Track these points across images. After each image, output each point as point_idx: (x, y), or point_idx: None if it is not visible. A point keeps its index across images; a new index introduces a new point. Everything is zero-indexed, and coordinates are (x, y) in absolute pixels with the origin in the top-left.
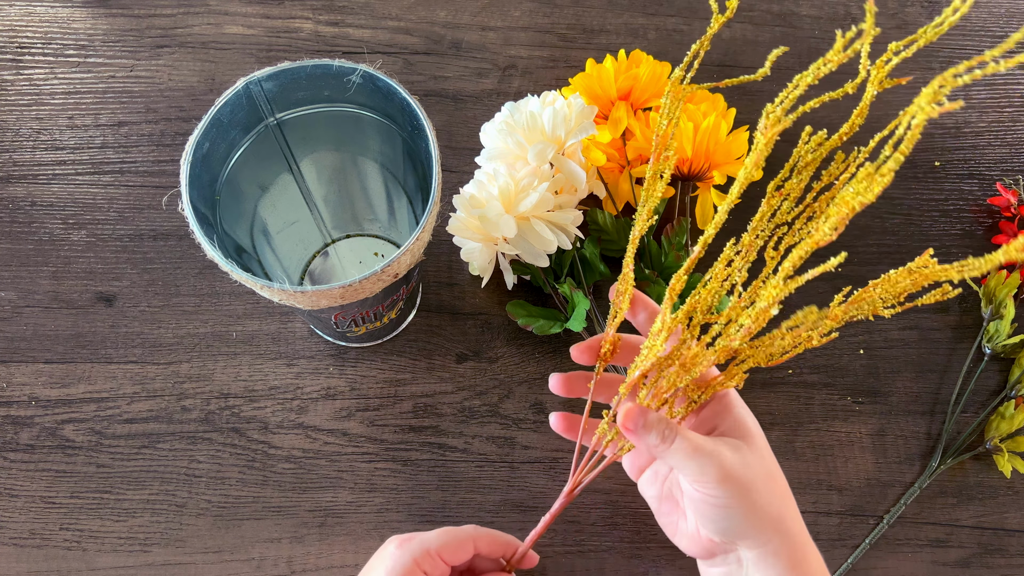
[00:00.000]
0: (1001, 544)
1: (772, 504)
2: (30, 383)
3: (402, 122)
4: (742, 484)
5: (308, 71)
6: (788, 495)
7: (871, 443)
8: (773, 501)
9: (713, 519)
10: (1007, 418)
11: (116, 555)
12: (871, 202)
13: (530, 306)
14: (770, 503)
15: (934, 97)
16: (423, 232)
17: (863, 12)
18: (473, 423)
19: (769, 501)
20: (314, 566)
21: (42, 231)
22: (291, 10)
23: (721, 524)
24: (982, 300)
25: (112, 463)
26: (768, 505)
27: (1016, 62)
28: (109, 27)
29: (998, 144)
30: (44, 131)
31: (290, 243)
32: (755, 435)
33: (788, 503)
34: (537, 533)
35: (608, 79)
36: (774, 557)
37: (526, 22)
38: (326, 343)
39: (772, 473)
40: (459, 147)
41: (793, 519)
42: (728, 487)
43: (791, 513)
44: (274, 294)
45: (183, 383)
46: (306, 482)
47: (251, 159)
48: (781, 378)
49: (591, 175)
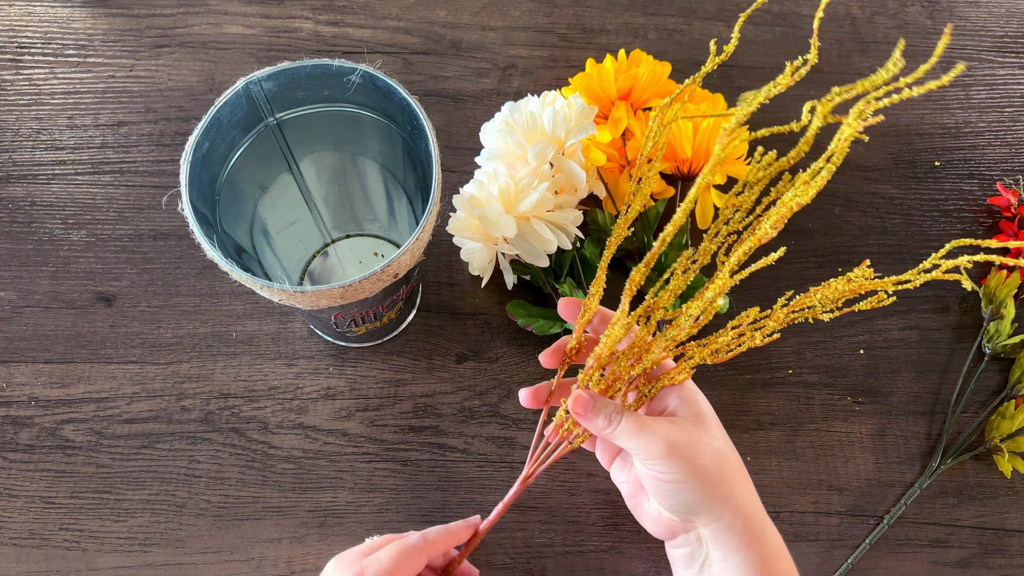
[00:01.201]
0: (1001, 544)
1: (722, 480)
2: (30, 383)
3: (402, 122)
4: (686, 457)
5: (308, 71)
6: (740, 472)
7: (871, 443)
8: (724, 477)
9: (664, 495)
10: (1007, 418)
11: (116, 555)
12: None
13: (530, 306)
14: (720, 479)
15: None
16: (423, 232)
17: (863, 12)
18: (473, 423)
19: (719, 477)
20: (314, 566)
21: (42, 231)
22: (291, 10)
23: (672, 500)
24: (982, 300)
25: (112, 463)
26: (718, 480)
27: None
28: (109, 27)
29: (998, 144)
30: (44, 131)
31: (290, 243)
32: (706, 415)
33: (739, 479)
34: (490, 522)
35: (608, 79)
36: (728, 532)
37: (526, 22)
38: (326, 343)
39: (720, 451)
40: (459, 147)
41: (746, 496)
42: (673, 461)
43: (743, 490)
44: (274, 294)
45: (183, 383)
46: (306, 482)
47: (251, 159)
48: (781, 378)
49: (591, 175)
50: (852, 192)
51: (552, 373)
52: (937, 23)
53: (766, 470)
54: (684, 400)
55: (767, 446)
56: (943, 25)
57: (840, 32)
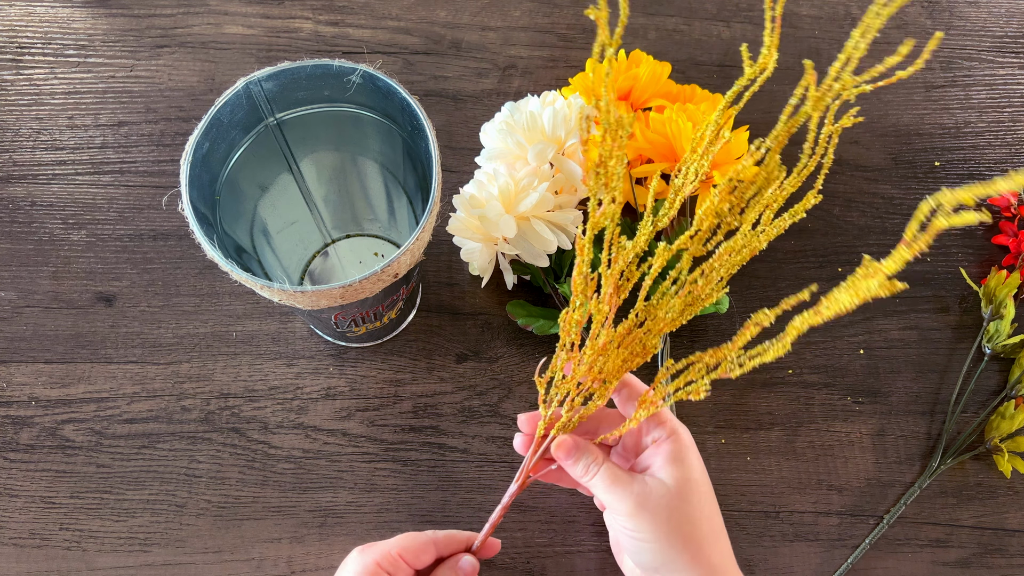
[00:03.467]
0: (1001, 544)
1: (690, 544)
2: (30, 383)
3: (402, 122)
4: (654, 518)
5: (308, 71)
6: (713, 536)
7: (871, 443)
8: (694, 541)
9: (630, 550)
10: (1007, 418)
11: (116, 555)
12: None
13: (530, 306)
14: (687, 543)
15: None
16: (423, 232)
17: (863, 12)
18: (473, 423)
19: (688, 541)
20: (314, 566)
21: (42, 231)
22: (291, 10)
23: (637, 556)
24: (982, 300)
25: (112, 463)
26: (683, 545)
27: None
28: (109, 27)
29: (998, 144)
30: (44, 131)
31: (290, 243)
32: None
33: (714, 544)
34: (493, 523)
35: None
36: None
37: (526, 22)
38: (326, 343)
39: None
40: (459, 147)
41: (719, 560)
42: (639, 520)
43: (716, 555)
44: (274, 294)
45: (183, 383)
46: (306, 482)
47: (251, 159)
48: (781, 378)
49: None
50: (852, 192)
51: None
52: (937, 23)
53: (766, 470)
54: (673, 459)
55: (767, 446)
56: (943, 25)
57: (840, 32)
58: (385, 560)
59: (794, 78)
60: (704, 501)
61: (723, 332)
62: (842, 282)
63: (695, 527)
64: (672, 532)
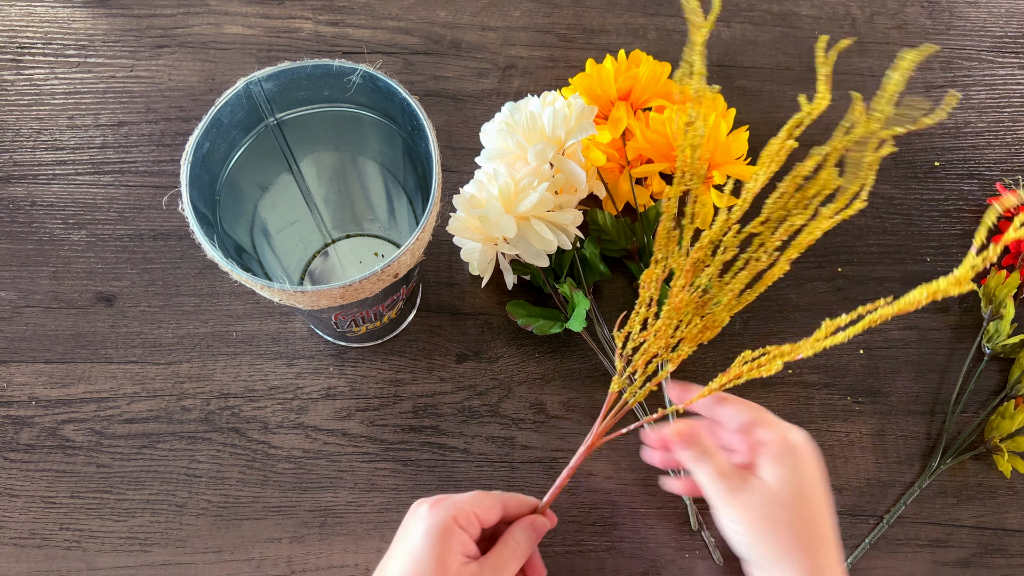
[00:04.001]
0: (1001, 544)
1: (783, 542)
2: (30, 383)
3: (402, 122)
4: (749, 514)
5: (308, 71)
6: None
7: (871, 443)
8: (788, 538)
9: (729, 539)
10: (1007, 418)
11: (116, 555)
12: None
13: (530, 306)
14: (783, 541)
15: None
16: (423, 232)
17: (863, 12)
18: (473, 423)
19: (784, 540)
20: (314, 566)
21: (42, 231)
22: (291, 10)
23: (735, 546)
24: (982, 300)
25: (112, 463)
26: (779, 542)
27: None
28: (109, 27)
29: (998, 144)
30: (44, 131)
31: (290, 243)
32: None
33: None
34: (559, 485)
35: (608, 79)
36: None
37: (526, 22)
38: (326, 343)
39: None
40: (459, 147)
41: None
42: (733, 511)
43: (815, 554)
44: (274, 294)
45: (183, 383)
46: (306, 482)
47: (251, 159)
48: (781, 378)
49: (591, 175)
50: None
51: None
52: (937, 23)
53: None
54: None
55: None
56: (943, 25)
57: (840, 32)
58: (461, 516)
59: (793, 78)
60: (807, 506)
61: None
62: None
63: (792, 530)
64: (767, 531)
